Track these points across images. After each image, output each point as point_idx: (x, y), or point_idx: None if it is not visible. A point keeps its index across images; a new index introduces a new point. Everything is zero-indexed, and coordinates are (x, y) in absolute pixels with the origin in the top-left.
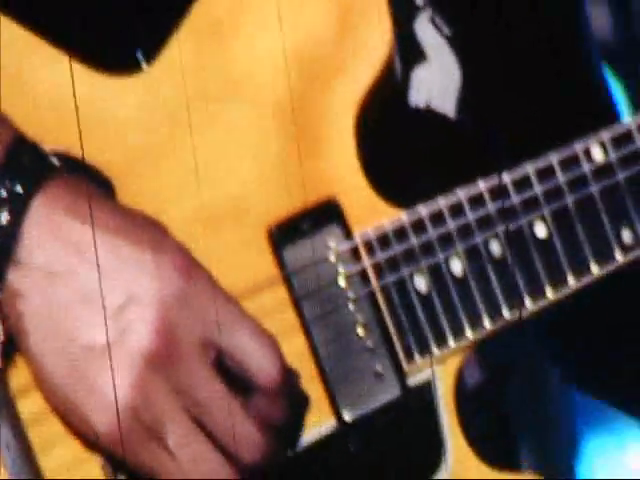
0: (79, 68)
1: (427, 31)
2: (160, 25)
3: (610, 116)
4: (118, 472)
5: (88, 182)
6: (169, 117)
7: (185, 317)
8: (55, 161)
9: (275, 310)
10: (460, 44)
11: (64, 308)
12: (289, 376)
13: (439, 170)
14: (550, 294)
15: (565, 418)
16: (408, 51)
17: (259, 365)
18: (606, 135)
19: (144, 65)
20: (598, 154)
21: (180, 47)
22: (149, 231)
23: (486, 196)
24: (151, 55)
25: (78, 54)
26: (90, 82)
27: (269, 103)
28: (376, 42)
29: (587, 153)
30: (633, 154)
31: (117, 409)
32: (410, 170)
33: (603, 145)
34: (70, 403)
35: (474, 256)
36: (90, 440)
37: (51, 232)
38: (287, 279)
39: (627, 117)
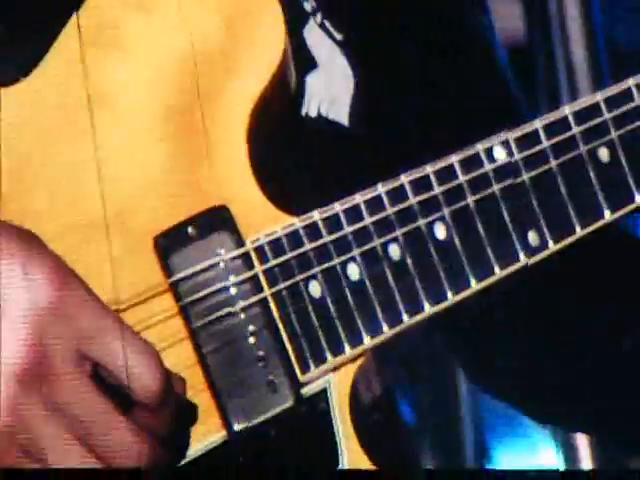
0: None
1: (317, 37)
2: (40, 33)
3: (514, 117)
4: None
5: None
6: (50, 126)
7: (58, 330)
8: None
9: (161, 319)
10: (352, 49)
11: None
12: (171, 387)
13: (335, 177)
14: (451, 297)
15: (474, 422)
16: (299, 58)
17: (136, 377)
18: (510, 135)
19: (21, 76)
20: (501, 154)
21: (61, 55)
22: (20, 244)
23: (384, 198)
24: (30, 65)
25: None
26: None
27: (156, 110)
28: (269, 49)
29: (489, 153)
30: (539, 154)
31: None
32: (305, 177)
33: (506, 145)
34: None
35: (372, 260)
36: None
37: None
38: (173, 287)
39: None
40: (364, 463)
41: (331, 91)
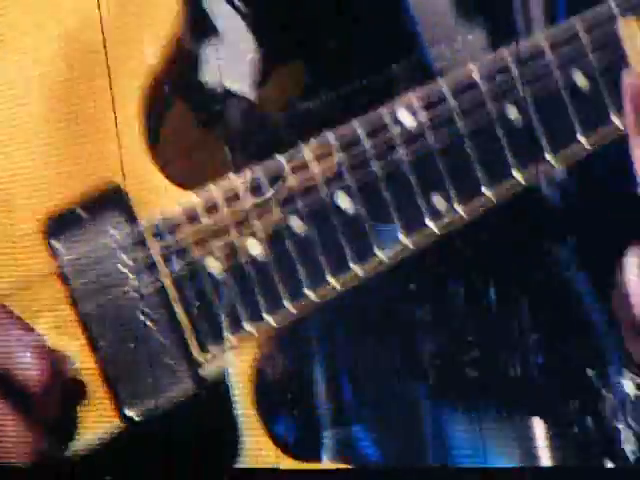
0: None
1: (221, 8)
2: None
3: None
4: None
5: None
6: None
7: None
8: None
9: (50, 305)
10: (256, 20)
11: None
12: (58, 375)
13: (236, 148)
14: (356, 269)
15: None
16: (200, 28)
17: (21, 366)
18: (415, 97)
19: None
20: (406, 117)
21: None
22: None
23: (286, 170)
24: None
25: None
26: None
27: (43, 90)
28: (163, 19)
29: (394, 117)
30: (445, 116)
31: None
32: (203, 150)
33: (411, 108)
34: None
35: (273, 234)
36: None
37: None
38: (60, 271)
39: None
40: (266, 444)
41: (232, 61)
